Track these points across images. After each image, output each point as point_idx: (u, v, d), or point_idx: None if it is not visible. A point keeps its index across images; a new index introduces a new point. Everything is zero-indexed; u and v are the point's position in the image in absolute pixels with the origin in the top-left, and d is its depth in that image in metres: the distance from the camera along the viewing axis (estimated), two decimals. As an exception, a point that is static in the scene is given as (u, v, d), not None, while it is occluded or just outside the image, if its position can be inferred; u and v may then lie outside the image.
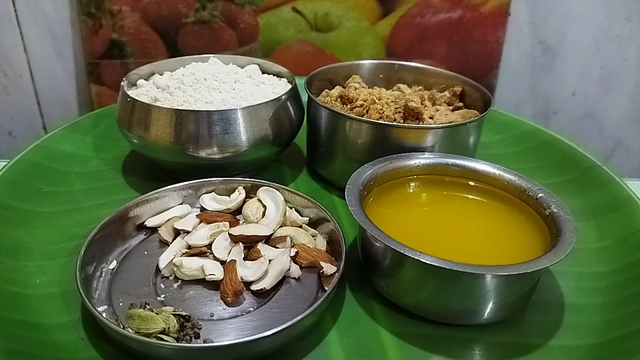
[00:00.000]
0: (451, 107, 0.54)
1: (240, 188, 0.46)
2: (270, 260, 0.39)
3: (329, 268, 0.38)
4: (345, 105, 0.52)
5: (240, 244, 0.41)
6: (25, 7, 0.71)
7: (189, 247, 0.41)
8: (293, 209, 0.45)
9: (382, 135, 0.47)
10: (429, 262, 0.33)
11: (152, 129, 0.47)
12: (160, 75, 0.56)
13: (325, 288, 0.38)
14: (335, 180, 0.53)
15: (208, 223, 0.43)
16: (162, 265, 0.40)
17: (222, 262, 0.40)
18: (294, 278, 0.40)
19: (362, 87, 0.56)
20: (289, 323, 0.32)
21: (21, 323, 0.36)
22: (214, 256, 0.40)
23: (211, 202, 0.46)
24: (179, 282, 0.39)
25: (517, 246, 0.40)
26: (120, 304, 0.37)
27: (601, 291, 0.41)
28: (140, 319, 0.34)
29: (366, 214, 0.38)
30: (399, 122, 0.49)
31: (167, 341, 0.33)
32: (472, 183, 0.45)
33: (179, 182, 0.46)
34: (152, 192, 0.45)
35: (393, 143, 0.47)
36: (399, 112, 0.50)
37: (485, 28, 0.73)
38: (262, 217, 0.44)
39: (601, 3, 0.71)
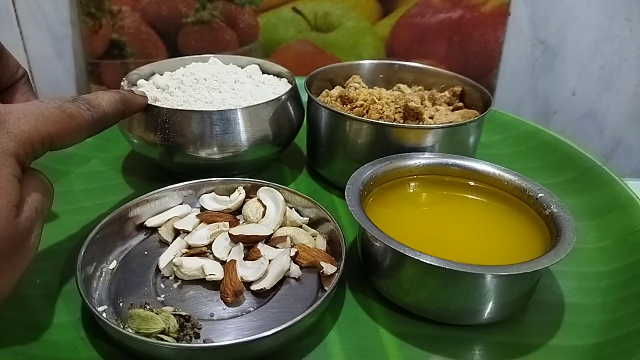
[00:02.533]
0: (451, 107, 0.54)
1: (240, 188, 0.46)
2: (270, 260, 0.39)
3: (329, 268, 0.38)
4: (345, 105, 0.52)
5: (240, 244, 0.41)
6: (25, 7, 0.71)
7: (189, 247, 0.41)
8: (293, 209, 0.45)
9: (382, 135, 0.47)
10: (429, 262, 0.33)
11: (152, 129, 0.47)
12: (160, 75, 0.56)
13: (325, 288, 0.38)
14: (335, 180, 0.53)
15: (208, 223, 0.43)
16: (162, 265, 0.40)
17: (222, 262, 0.40)
18: (294, 278, 0.40)
19: (362, 87, 0.56)
20: (289, 323, 0.32)
21: (21, 323, 0.36)
22: (214, 256, 0.40)
23: (211, 202, 0.46)
24: (179, 282, 0.39)
25: (517, 246, 0.40)
26: (120, 304, 0.37)
27: (601, 291, 0.41)
28: (140, 319, 0.34)
29: (366, 214, 0.38)
30: (399, 122, 0.49)
31: (167, 341, 0.33)
32: (472, 183, 0.45)
33: (179, 182, 0.46)
34: (152, 192, 0.45)
35: (393, 143, 0.47)
36: (399, 112, 0.50)
37: (485, 28, 0.73)
38: (262, 217, 0.44)
39: (601, 3, 0.71)
